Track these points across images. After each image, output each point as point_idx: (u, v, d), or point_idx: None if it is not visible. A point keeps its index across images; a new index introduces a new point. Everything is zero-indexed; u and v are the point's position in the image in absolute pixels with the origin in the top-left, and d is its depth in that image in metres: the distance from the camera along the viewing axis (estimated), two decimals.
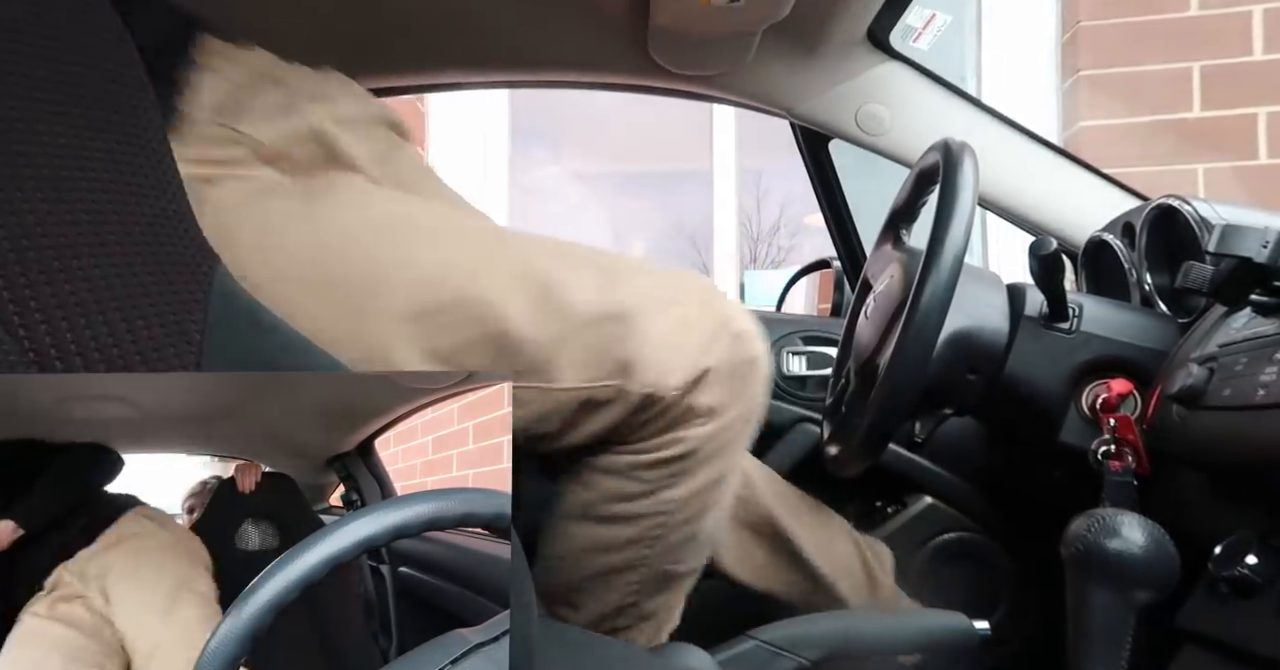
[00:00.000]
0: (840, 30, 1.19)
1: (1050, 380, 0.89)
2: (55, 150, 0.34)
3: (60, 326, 0.32)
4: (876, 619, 0.84)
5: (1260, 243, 0.65)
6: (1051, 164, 1.26)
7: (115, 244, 0.35)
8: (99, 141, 0.36)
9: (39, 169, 0.33)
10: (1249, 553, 0.66)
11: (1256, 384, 0.66)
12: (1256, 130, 2.18)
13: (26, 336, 0.31)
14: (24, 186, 0.32)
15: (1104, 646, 0.68)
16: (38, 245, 0.32)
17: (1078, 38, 2.30)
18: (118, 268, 0.35)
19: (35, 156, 0.33)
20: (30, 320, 0.31)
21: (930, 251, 0.81)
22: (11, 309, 0.31)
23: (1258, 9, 2.17)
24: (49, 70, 0.35)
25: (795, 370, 1.34)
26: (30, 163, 0.33)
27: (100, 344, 0.33)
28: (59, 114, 0.35)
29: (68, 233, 0.34)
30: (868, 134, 1.28)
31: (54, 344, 0.32)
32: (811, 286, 1.68)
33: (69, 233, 0.34)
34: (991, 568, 1.24)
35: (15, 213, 0.32)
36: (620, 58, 1.26)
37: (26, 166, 0.33)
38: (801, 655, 0.76)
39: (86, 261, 0.34)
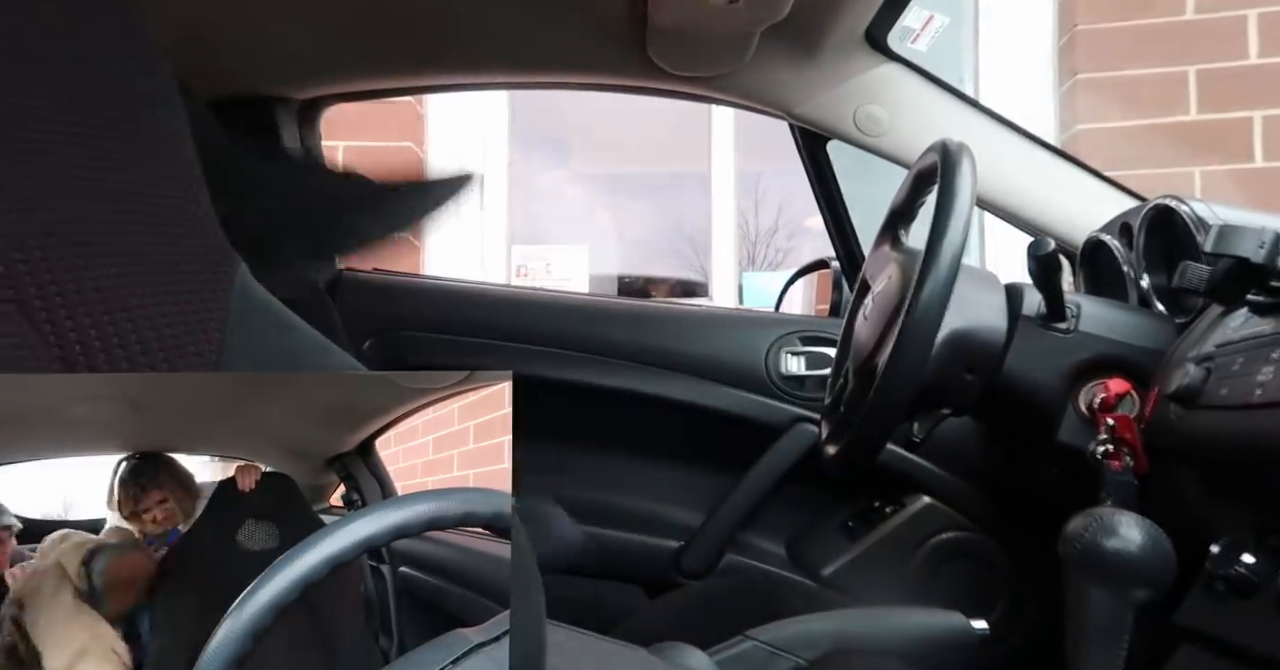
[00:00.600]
0: (838, 31, 1.19)
1: (1048, 380, 0.89)
2: (79, 148, 0.34)
3: (84, 323, 0.32)
4: (874, 619, 0.84)
5: (1257, 243, 0.66)
6: (1049, 164, 1.26)
7: (137, 243, 0.36)
8: (122, 141, 0.36)
9: (63, 167, 0.33)
10: (1246, 552, 0.66)
11: (1253, 383, 0.66)
12: (1252, 133, 2.19)
13: (53, 333, 0.32)
14: (49, 184, 0.33)
15: (1102, 645, 0.69)
16: (63, 242, 0.32)
17: (1075, 41, 2.31)
18: (141, 265, 0.35)
19: (60, 154, 0.33)
20: (56, 316, 0.32)
21: (928, 252, 0.81)
22: (38, 305, 0.31)
23: (1253, 13, 2.18)
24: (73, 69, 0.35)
25: (793, 370, 1.34)
26: (55, 160, 0.33)
27: (124, 340, 0.34)
28: (83, 113, 0.35)
29: (92, 230, 0.34)
30: (866, 135, 1.28)
31: (79, 340, 0.32)
32: (810, 287, 1.68)
33: (93, 230, 0.34)
34: (989, 567, 1.24)
35: (41, 210, 0.32)
36: (619, 59, 1.26)
37: (51, 164, 0.33)
38: (799, 655, 0.76)
39: (109, 260, 0.34)
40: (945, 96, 1.26)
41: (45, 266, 0.32)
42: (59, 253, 0.32)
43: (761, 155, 3.00)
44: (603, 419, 1.37)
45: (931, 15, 1.30)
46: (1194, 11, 2.22)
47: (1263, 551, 0.66)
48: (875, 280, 1.02)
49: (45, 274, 0.32)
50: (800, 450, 1.30)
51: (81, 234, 0.33)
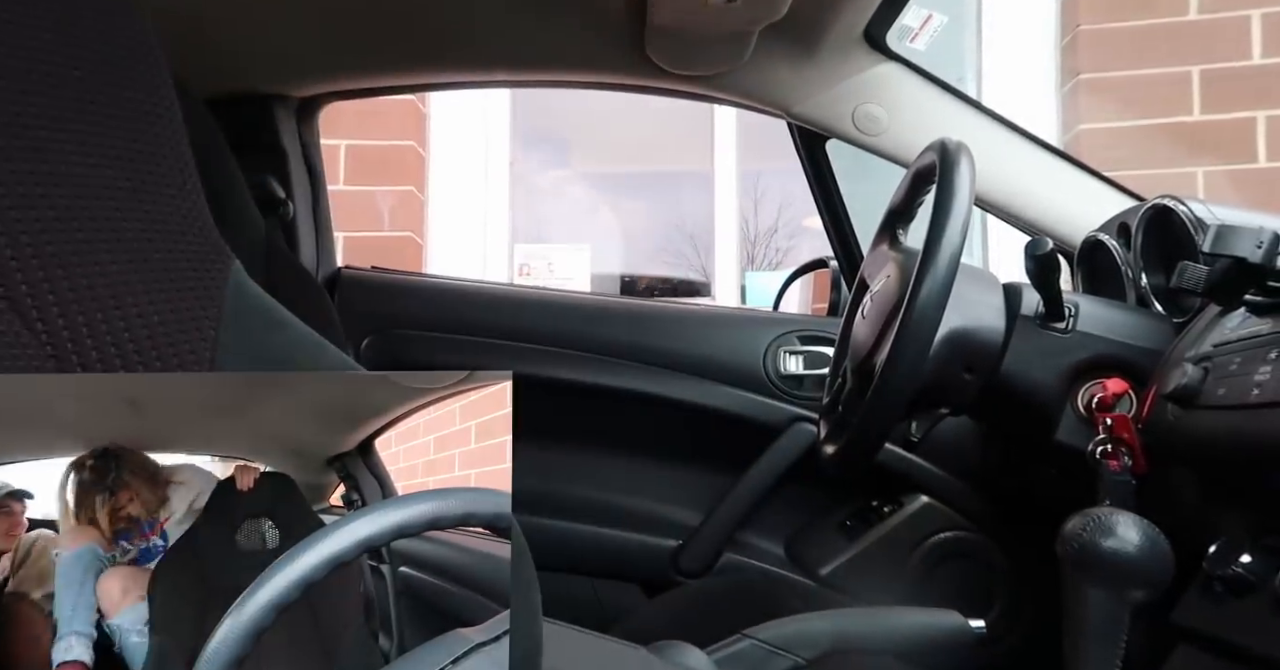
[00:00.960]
0: (837, 30, 1.19)
1: (1046, 379, 0.89)
2: (75, 147, 0.34)
3: (77, 321, 0.32)
4: (872, 618, 0.85)
5: (1255, 243, 0.66)
6: (1047, 164, 1.26)
7: (132, 241, 0.36)
8: (118, 139, 0.36)
9: (59, 165, 0.34)
10: (1243, 551, 0.66)
11: (1251, 383, 0.66)
12: (1255, 133, 2.19)
13: (45, 331, 0.32)
14: (44, 182, 0.33)
15: (1099, 645, 0.69)
16: (57, 241, 0.33)
17: (1077, 41, 2.31)
18: (135, 264, 0.35)
19: (56, 153, 0.34)
20: (49, 315, 0.32)
21: (927, 251, 0.81)
22: (30, 303, 0.31)
23: (1256, 13, 2.18)
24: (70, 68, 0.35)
25: (792, 370, 1.34)
26: (50, 159, 0.33)
27: (117, 339, 0.34)
28: (80, 111, 0.35)
29: (86, 229, 0.34)
30: (865, 134, 1.28)
31: (71, 339, 0.32)
32: (808, 286, 1.68)
33: (88, 229, 0.34)
34: (987, 566, 1.24)
35: (35, 208, 0.32)
36: (618, 58, 1.26)
37: (47, 163, 0.33)
38: (797, 654, 0.76)
39: (104, 258, 0.34)
40: (944, 96, 1.26)
41: (38, 264, 0.32)
42: (52, 250, 0.32)
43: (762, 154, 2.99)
44: (601, 418, 1.37)
45: (930, 14, 1.30)
46: (1197, 12, 2.22)
47: (1260, 551, 0.66)
48: (874, 280, 1.02)
49: (38, 271, 0.32)
50: (799, 450, 1.30)
51: (75, 231, 0.33)
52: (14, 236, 0.31)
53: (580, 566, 1.31)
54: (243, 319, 0.41)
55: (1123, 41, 2.26)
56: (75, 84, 0.35)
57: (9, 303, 0.31)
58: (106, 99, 0.36)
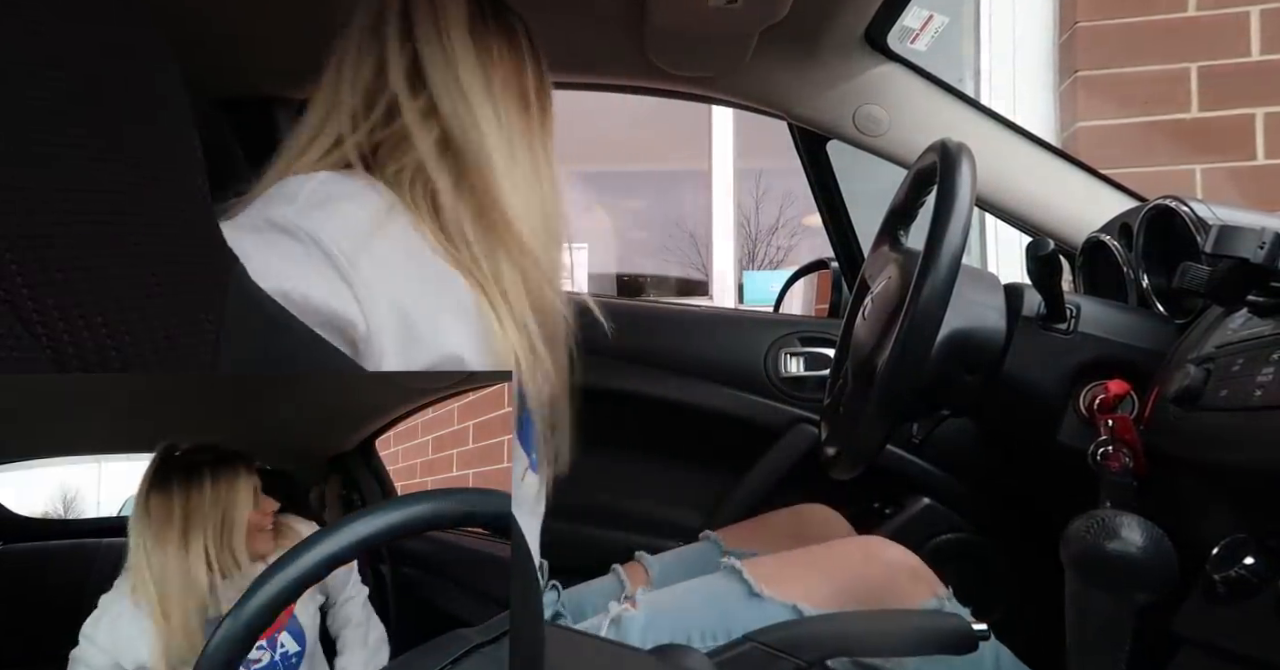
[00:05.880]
0: (837, 31, 1.19)
1: (1048, 381, 0.89)
2: (78, 148, 0.34)
3: (78, 324, 0.32)
4: (874, 620, 0.84)
5: (1257, 243, 0.65)
6: (1049, 164, 1.26)
7: (135, 242, 0.35)
8: (122, 139, 0.36)
9: (61, 166, 0.33)
10: (1246, 554, 0.66)
11: (1253, 385, 0.66)
12: (1254, 130, 2.18)
13: (45, 333, 0.31)
14: (46, 183, 0.33)
15: (1102, 647, 0.68)
16: (58, 242, 0.32)
17: (1075, 38, 2.31)
18: (137, 266, 0.35)
19: (58, 153, 0.33)
20: (49, 317, 0.32)
21: (928, 252, 0.81)
22: (30, 306, 0.31)
23: (1255, 9, 2.18)
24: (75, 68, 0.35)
25: (793, 371, 1.34)
26: (53, 159, 0.33)
27: (117, 342, 0.33)
28: (84, 111, 0.35)
29: (88, 230, 0.34)
30: (865, 135, 1.28)
31: (71, 341, 0.32)
32: (809, 287, 1.68)
33: (89, 230, 0.34)
34: (989, 569, 1.24)
35: (37, 209, 0.32)
36: (618, 58, 1.26)
37: (49, 163, 0.33)
38: (799, 656, 0.76)
39: (106, 259, 0.34)
40: (944, 96, 1.26)
41: (39, 266, 0.31)
42: (53, 252, 0.32)
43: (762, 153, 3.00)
44: (602, 419, 1.37)
45: (930, 15, 1.30)
46: (1195, 8, 2.22)
47: (1263, 553, 0.66)
48: (874, 280, 1.02)
49: (38, 274, 0.31)
50: (800, 451, 1.30)
51: (77, 233, 0.33)
52: (13, 239, 0.31)
53: (581, 569, 1.31)
54: (244, 319, 0.41)
55: (1120, 38, 2.26)
56: (77, 85, 0.35)
57: (9, 305, 0.31)
58: (110, 100, 0.36)
